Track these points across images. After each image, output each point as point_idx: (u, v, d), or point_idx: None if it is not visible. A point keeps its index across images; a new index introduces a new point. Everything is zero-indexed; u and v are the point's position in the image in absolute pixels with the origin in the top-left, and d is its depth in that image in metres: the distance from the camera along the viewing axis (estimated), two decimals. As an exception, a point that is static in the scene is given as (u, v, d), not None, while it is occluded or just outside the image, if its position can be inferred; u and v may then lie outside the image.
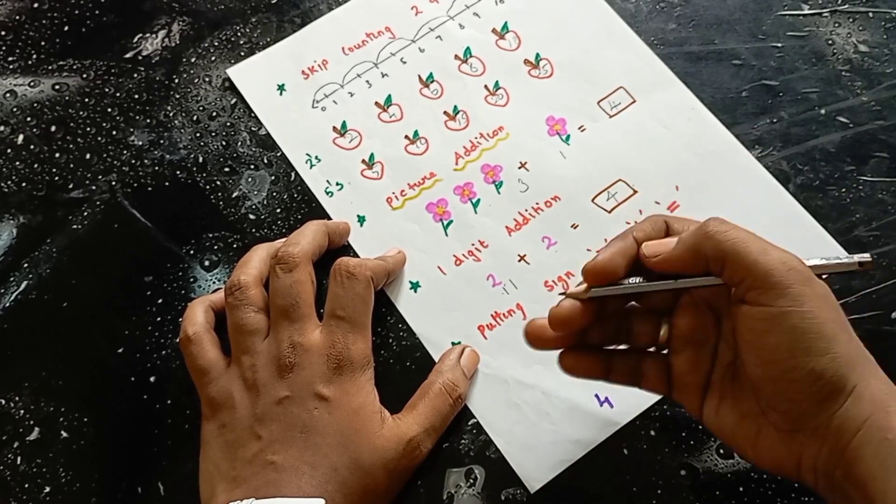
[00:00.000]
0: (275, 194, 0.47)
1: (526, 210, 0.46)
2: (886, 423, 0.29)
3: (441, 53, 0.50)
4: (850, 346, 0.31)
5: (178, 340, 0.42)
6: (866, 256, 0.32)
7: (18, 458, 0.41)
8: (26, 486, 0.41)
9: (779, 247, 0.32)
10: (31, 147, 0.49)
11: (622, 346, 0.37)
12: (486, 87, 0.49)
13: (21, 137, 0.49)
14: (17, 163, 0.48)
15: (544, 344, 0.36)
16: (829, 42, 0.49)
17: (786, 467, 0.32)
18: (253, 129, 0.49)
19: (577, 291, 0.34)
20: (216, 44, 0.51)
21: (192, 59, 0.51)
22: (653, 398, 0.41)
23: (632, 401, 0.41)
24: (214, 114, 0.49)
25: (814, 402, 0.30)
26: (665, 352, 0.36)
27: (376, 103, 0.49)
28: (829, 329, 0.30)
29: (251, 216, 0.46)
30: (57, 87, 0.50)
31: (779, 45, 0.49)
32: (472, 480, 0.40)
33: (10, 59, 0.51)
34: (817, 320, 0.30)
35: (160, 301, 0.44)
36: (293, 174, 0.47)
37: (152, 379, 0.43)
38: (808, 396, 0.30)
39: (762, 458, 0.33)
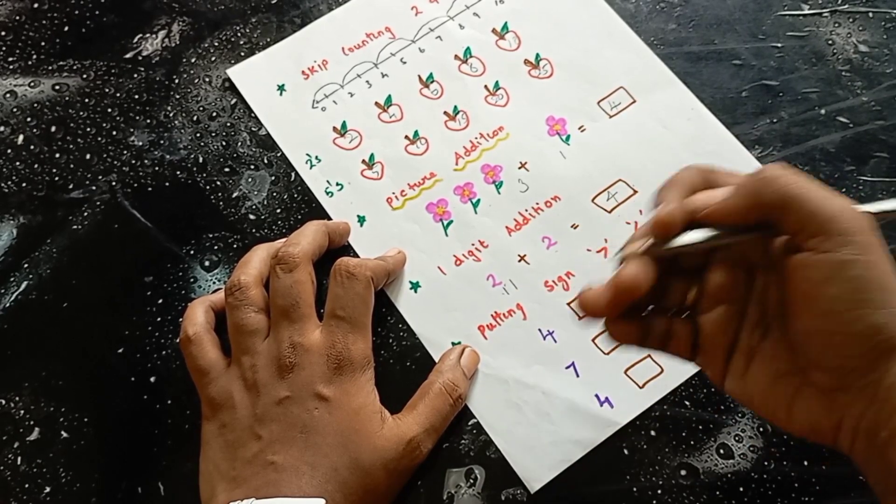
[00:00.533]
0: (275, 194, 0.47)
1: (526, 210, 0.46)
2: None
3: (441, 53, 0.50)
4: None
5: (178, 341, 0.42)
6: None
7: (18, 459, 0.41)
8: (26, 486, 0.41)
9: (841, 195, 0.30)
10: (32, 147, 0.49)
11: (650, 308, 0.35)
12: (486, 87, 0.49)
13: (21, 138, 0.49)
14: (18, 163, 0.48)
15: (601, 312, 0.33)
16: (829, 42, 0.50)
17: (823, 430, 0.30)
18: (253, 129, 0.49)
19: (641, 249, 0.32)
20: (216, 44, 0.51)
21: (193, 60, 0.51)
22: (653, 398, 0.41)
23: (632, 401, 0.41)
24: (214, 114, 0.49)
25: (868, 359, 0.29)
26: (687, 314, 0.34)
27: (376, 103, 0.49)
28: (891, 282, 0.28)
29: (251, 216, 0.46)
30: (57, 87, 0.50)
31: (779, 45, 0.50)
32: (472, 480, 0.40)
33: (10, 59, 0.51)
34: (881, 272, 0.28)
35: (160, 301, 0.44)
36: (293, 174, 0.47)
37: (152, 379, 0.43)
38: (863, 352, 0.29)
39: (797, 421, 0.31)
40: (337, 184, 0.47)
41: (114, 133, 0.49)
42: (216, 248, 0.46)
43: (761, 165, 0.46)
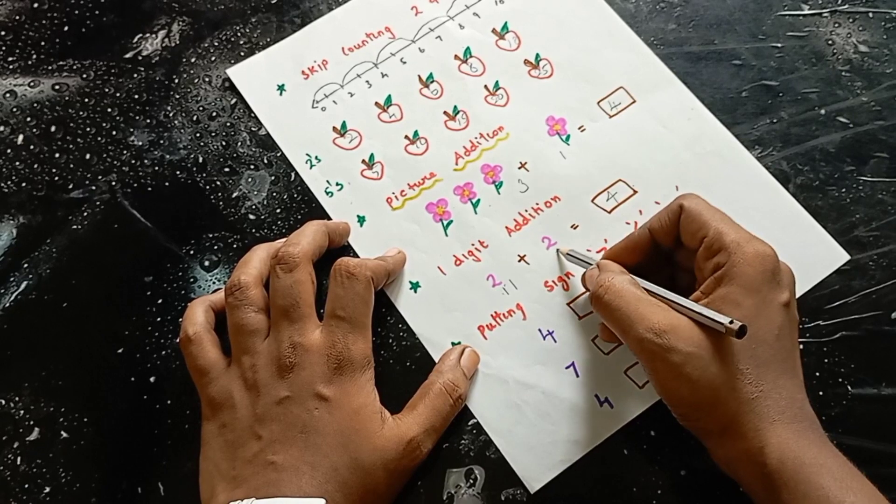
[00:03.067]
0: (275, 194, 0.47)
1: (526, 210, 0.46)
2: None
3: (441, 53, 0.50)
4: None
5: (178, 340, 0.42)
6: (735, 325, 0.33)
7: (18, 459, 0.41)
8: (26, 486, 0.41)
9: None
10: (31, 147, 0.49)
11: None
12: (485, 87, 0.49)
13: (21, 137, 0.49)
14: (17, 163, 0.48)
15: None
16: (829, 42, 0.50)
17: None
18: (253, 129, 0.49)
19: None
20: (216, 44, 0.51)
21: (192, 60, 0.51)
22: (653, 399, 0.41)
23: (632, 401, 0.41)
24: (214, 114, 0.49)
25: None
26: None
27: (376, 103, 0.49)
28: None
29: (251, 216, 0.46)
30: (57, 87, 0.50)
31: (779, 45, 0.50)
32: (472, 481, 0.40)
33: (10, 59, 0.51)
34: None
35: (160, 301, 0.44)
36: (293, 174, 0.47)
37: (152, 379, 0.43)
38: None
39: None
40: (337, 184, 0.47)
41: (114, 133, 0.49)
42: (216, 247, 0.46)
43: (760, 165, 0.46)
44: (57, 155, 0.48)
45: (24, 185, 0.48)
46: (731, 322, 0.33)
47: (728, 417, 0.34)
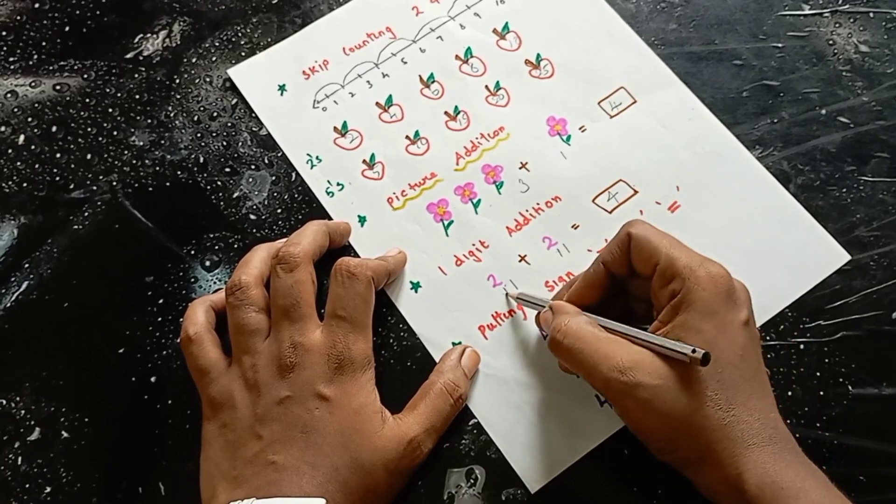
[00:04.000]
0: (275, 194, 0.47)
1: (526, 210, 0.46)
2: None
3: (442, 54, 0.50)
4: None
5: (178, 340, 0.42)
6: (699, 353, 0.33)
7: (19, 459, 0.41)
8: (27, 486, 0.41)
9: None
10: (32, 147, 0.49)
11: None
12: (486, 87, 0.49)
13: (22, 138, 0.49)
14: (18, 163, 0.48)
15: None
16: (830, 42, 0.49)
17: None
18: (254, 129, 0.49)
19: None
20: (217, 44, 0.51)
21: (193, 60, 0.51)
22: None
23: (632, 401, 0.41)
24: (215, 114, 0.49)
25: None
26: None
27: (377, 103, 0.49)
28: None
29: (252, 216, 0.46)
30: (58, 87, 0.50)
31: (779, 45, 0.49)
32: (472, 480, 0.40)
33: (11, 59, 0.51)
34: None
35: (161, 301, 0.45)
36: (294, 174, 0.47)
37: (153, 379, 0.43)
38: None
39: None
40: (338, 184, 0.47)
41: (115, 133, 0.49)
42: (217, 248, 0.46)
43: (761, 165, 0.46)
44: (58, 155, 0.49)
45: (25, 185, 0.48)
46: (693, 351, 0.32)
47: (703, 446, 0.33)
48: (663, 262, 0.36)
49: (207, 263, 0.46)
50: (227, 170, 0.48)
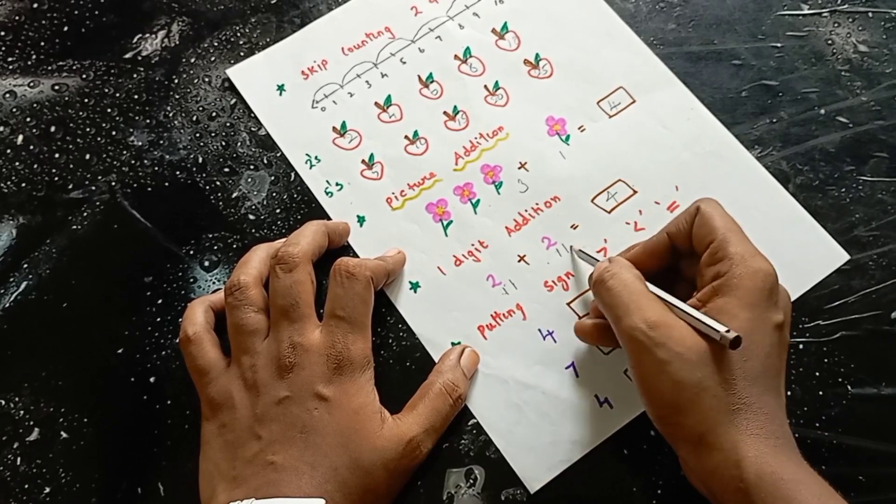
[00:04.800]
0: (274, 194, 0.47)
1: (526, 210, 0.46)
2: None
3: (441, 53, 0.50)
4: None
5: (177, 341, 0.42)
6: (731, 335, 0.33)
7: (18, 459, 0.41)
8: (26, 486, 0.41)
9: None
10: (31, 147, 0.49)
11: None
12: (485, 87, 0.49)
13: (21, 138, 0.49)
14: (17, 163, 0.48)
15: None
16: (829, 42, 0.50)
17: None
18: (252, 129, 0.49)
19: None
20: (216, 44, 0.51)
21: (192, 60, 0.51)
22: (653, 398, 0.41)
23: (632, 401, 0.41)
24: (214, 114, 0.49)
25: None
26: None
27: (376, 103, 0.49)
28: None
29: (251, 216, 0.46)
30: (56, 87, 0.50)
31: (778, 45, 0.50)
32: (472, 481, 0.40)
33: (10, 59, 0.51)
34: None
35: (160, 301, 0.44)
36: (293, 174, 0.47)
37: (152, 379, 0.43)
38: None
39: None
40: (336, 184, 0.47)
41: (113, 133, 0.49)
42: (216, 248, 0.46)
43: (760, 165, 0.46)
44: (57, 155, 0.48)
45: (23, 185, 0.48)
46: (727, 331, 0.33)
47: (705, 426, 0.33)
48: (717, 242, 0.36)
49: (206, 263, 0.46)
50: (226, 170, 0.48)
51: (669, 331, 0.34)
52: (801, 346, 0.42)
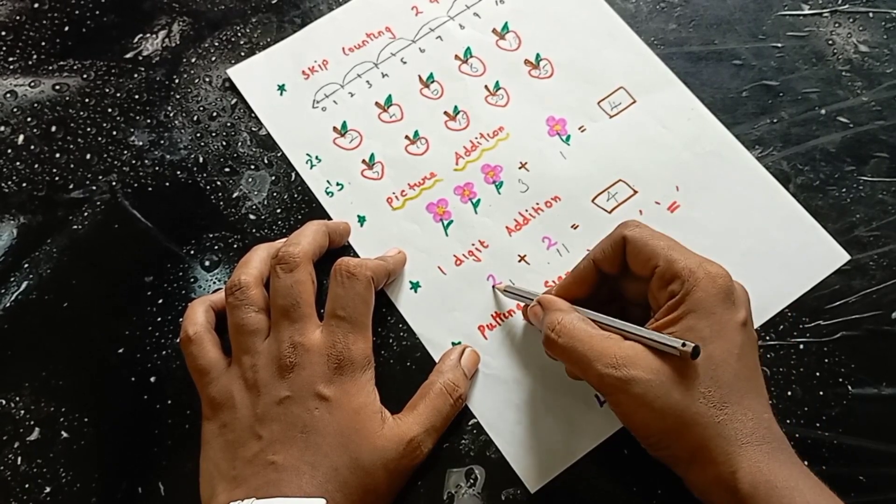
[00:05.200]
0: (275, 194, 0.47)
1: (526, 210, 0.46)
2: None
3: (441, 53, 0.50)
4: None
5: (178, 340, 0.42)
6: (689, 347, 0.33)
7: (19, 459, 0.41)
8: (26, 486, 0.41)
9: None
10: (32, 147, 0.49)
11: None
12: (486, 87, 0.49)
13: (21, 138, 0.49)
14: (18, 163, 0.48)
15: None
16: (830, 42, 0.50)
17: None
18: (253, 129, 0.49)
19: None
20: (216, 44, 0.51)
21: (193, 60, 0.51)
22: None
23: (632, 401, 0.41)
24: (215, 114, 0.49)
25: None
26: None
27: (377, 103, 0.49)
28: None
29: (251, 216, 0.46)
30: (57, 87, 0.50)
31: (779, 45, 0.50)
32: (472, 480, 0.40)
33: (11, 59, 0.51)
34: None
35: (160, 301, 0.44)
36: (293, 174, 0.47)
37: (152, 379, 0.43)
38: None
39: None
40: (337, 184, 0.47)
41: (114, 133, 0.49)
42: (216, 248, 0.46)
43: (761, 165, 0.46)
44: (57, 155, 0.48)
45: (24, 185, 0.48)
46: (683, 344, 0.33)
47: (696, 443, 0.33)
48: (662, 265, 0.36)
49: (207, 263, 0.46)
50: (227, 170, 0.48)
51: (635, 362, 0.34)
52: (801, 346, 0.42)
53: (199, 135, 0.49)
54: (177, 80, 0.50)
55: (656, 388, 0.33)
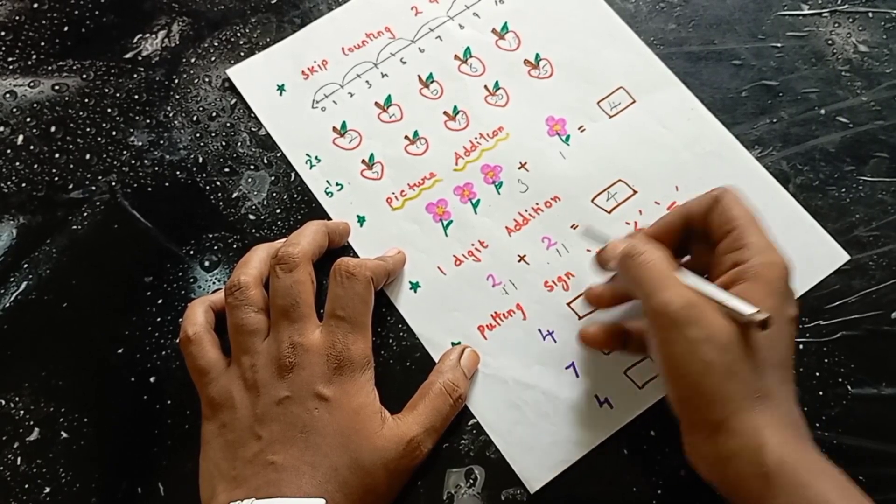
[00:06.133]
0: (275, 195, 0.47)
1: (526, 210, 0.46)
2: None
3: (441, 53, 0.50)
4: None
5: (178, 341, 0.42)
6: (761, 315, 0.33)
7: (18, 459, 0.41)
8: (26, 486, 0.41)
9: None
10: (31, 147, 0.49)
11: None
12: (485, 87, 0.49)
13: (21, 138, 0.49)
14: (17, 163, 0.48)
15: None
16: (829, 42, 0.50)
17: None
18: (253, 129, 0.49)
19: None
20: (216, 44, 0.51)
21: (192, 60, 0.51)
22: (653, 399, 0.41)
23: (632, 401, 0.41)
24: (214, 114, 0.49)
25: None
26: None
27: (376, 103, 0.49)
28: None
29: (251, 216, 0.46)
30: (57, 87, 0.50)
31: (778, 45, 0.50)
32: (472, 481, 0.40)
33: (10, 59, 0.51)
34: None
35: (160, 301, 0.44)
36: (293, 174, 0.47)
37: (152, 379, 0.43)
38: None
39: None
40: (337, 184, 0.47)
41: (113, 133, 0.49)
42: (216, 248, 0.46)
43: (760, 165, 0.46)
44: (57, 155, 0.48)
45: (24, 185, 0.48)
46: (758, 311, 0.32)
47: (728, 411, 0.33)
48: (738, 231, 0.36)
49: (206, 263, 0.46)
50: (227, 170, 0.48)
51: (702, 310, 0.33)
52: (801, 346, 0.42)
53: (198, 135, 0.49)
54: (176, 81, 0.50)
55: (713, 342, 0.33)
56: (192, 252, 0.46)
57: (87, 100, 0.50)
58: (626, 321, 0.41)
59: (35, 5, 0.53)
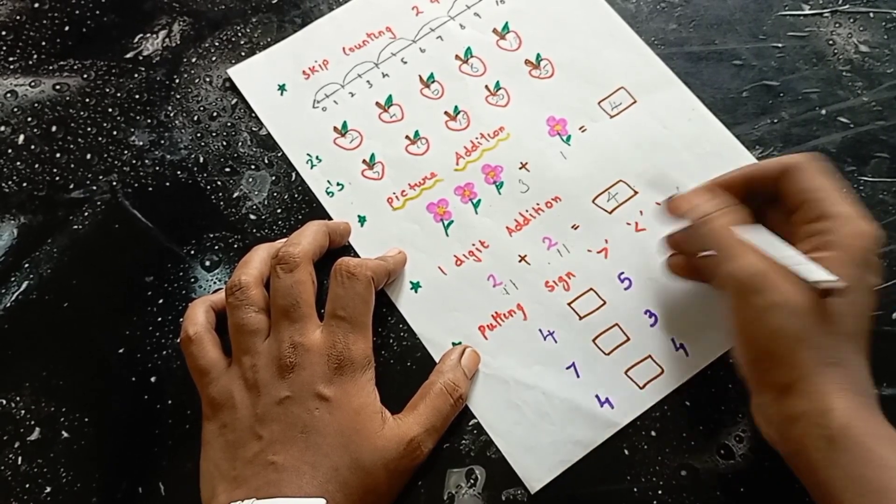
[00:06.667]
0: (275, 194, 0.47)
1: (526, 210, 0.46)
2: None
3: (442, 53, 0.50)
4: None
5: (178, 340, 0.42)
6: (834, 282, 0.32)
7: (19, 459, 0.41)
8: (27, 486, 0.41)
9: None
10: (32, 147, 0.49)
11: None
12: (486, 87, 0.49)
13: (22, 137, 0.49)
14: (18, 163, 0.48)
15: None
16: (830, 42, 0.49)
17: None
18: (254, 129, 0.49)
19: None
20: (217, 44, 0.51)
21: (193, 60, 0.51)
22: (653, 399, 0.41)
23: (632, 401, 0.41)
24: (215, 114, 0.49)
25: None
26: None
27: (377, 103, 0.49)
28: None
29: (252, 216, 0.46)
30: (57, 87, 0.50)
31: (779, 45, 0.49)
32: (472, 481, 0.40)
33: (11, 59, 0.51)
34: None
35: (161, 301, 0.45)
36: (294, 174, 0.47)
37: (153, 379, 0.43)
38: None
39: None
40: (337, 184, 0.47)
41: (114, 133, 0.49)
42: (217, 248, 0.46)
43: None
44: (58, 155, 0.49)
45: (24, 185, 0.48)
46: (831, 280, 0.32)
47: (797, 375, 0.33)
48: (817, 201, 0.35)
49: (207, 263, 0.46)
50: (227, 170, 0.48)
51: (771, 278, 0.33)
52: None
53: (199, 135, 0.49)
54: (177, 80, 0.50)
55: (786, 309, 0.33)
56: (192, 252, 0.46)
57: (87, 99, 0.50)
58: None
59: (36, 5, 0.53)
